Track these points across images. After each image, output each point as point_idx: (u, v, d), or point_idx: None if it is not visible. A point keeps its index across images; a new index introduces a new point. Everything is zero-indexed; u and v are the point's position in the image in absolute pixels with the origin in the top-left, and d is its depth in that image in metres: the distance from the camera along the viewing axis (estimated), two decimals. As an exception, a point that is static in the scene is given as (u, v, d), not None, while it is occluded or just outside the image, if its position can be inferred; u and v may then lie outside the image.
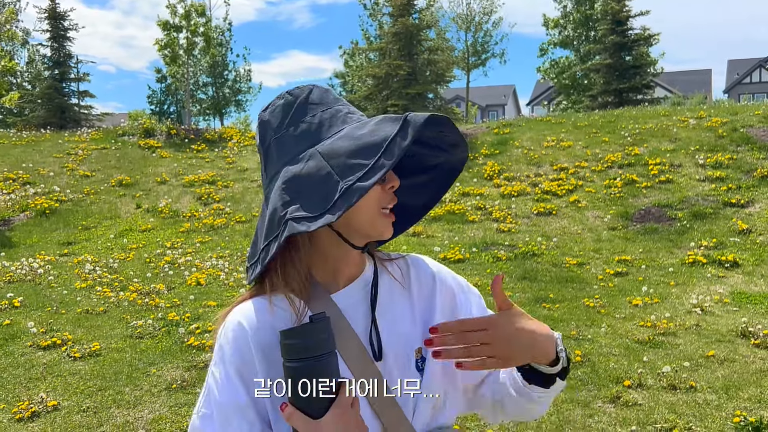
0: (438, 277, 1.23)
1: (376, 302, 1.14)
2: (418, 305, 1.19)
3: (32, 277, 8.62)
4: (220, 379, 1.06)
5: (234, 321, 1.08)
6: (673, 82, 43.27)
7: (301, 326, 1.00)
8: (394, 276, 1.20)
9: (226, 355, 1.07)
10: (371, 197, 1.07)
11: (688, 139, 13.28)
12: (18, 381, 5.17)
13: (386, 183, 1.09)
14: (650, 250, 9.14)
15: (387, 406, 1.09)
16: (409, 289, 1.20)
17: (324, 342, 0.99)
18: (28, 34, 30.48)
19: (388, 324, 1.14)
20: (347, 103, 1.16)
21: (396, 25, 17.15)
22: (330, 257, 1.13)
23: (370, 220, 1.09)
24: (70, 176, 14.44)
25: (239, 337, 1.06)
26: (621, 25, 22.02)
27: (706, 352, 5.41)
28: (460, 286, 1.26)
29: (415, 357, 1.13)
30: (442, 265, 1.28)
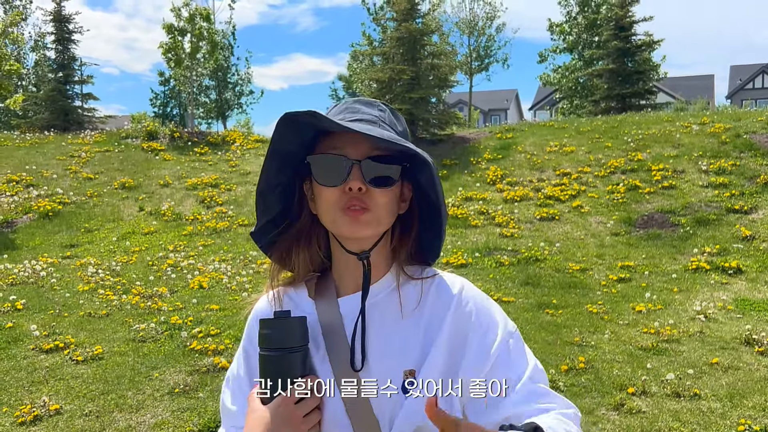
0: (457, 309, 1.16)
1: (364, 312, 1.14)
2: (422, 327, 1.15)
3: (35, 279, 8.62)
4: (237, 354, 1.27)
5: (254, 308, 1.28)
6: (675, 87, 43.24)
7: (273, 319, 1.11)
8: (403, 294, 1.18)
9: (243, 336, 1.27)
10: (329, 198, 1.12)
11: (691, 144, 13.27)
12: (20, 384, 5.16)
13: (345, 184, 1.10)
14: (653, 256, 9.12)
15: (362, 414, 1.10)
16: (421, 309, 1.17)
17: (294, 337, 1.09)
18: (43, 37, 30.54)
19: (384, 338, 1.15)
20: (348, 110, 1.19)
21: (399, 29, 17.17)
22: (338, 260, 1.21)
23: (331, 220, 1.13)
24: (73, 178, 14.46)
25: (251, 320, 1.26)
26: (624, 31, 22.02)
27: (710, 359, 5.40)
28: (481, 326, 1.16)
29: (404, 377, 1.10)
30: (476, 294, 1.21)
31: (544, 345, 5.88)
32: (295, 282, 1.24)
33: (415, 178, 1.17)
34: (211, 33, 22.00)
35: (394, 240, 1.22)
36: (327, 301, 1.19)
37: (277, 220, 1.22)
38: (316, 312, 1.18)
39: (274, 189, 1.19)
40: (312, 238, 1.23)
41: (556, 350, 5.74)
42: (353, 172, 1.10)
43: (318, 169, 1.12)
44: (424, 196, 1.18)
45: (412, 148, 1.08)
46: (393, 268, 1.21)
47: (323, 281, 1.22)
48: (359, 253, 1.14)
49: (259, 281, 8.39)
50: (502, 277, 8.38)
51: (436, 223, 1.19)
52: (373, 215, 1.11)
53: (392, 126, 1.19)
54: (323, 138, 1.15)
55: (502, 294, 7.58)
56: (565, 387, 4.90)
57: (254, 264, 9.30)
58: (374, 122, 1.15)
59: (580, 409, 3.78)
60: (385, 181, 1.12)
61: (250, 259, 9.58)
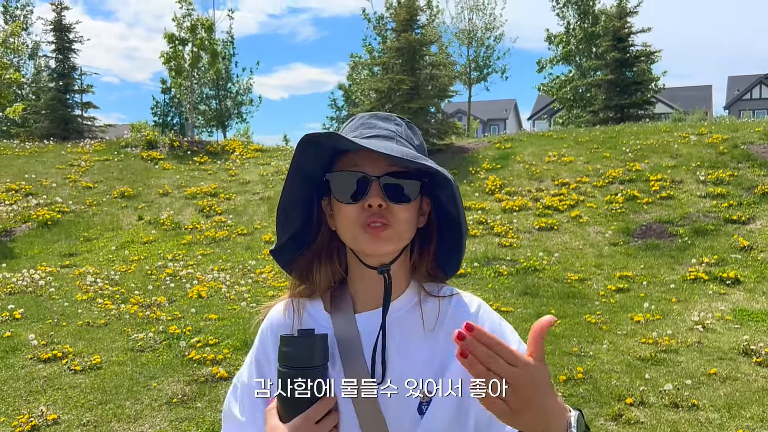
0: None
1: (385, 327, 1.13)
2: (440, 346, 1.14)
3: (33, 288, 8.62)
4: (248, 361, 1.24)
5: (267, 318, 1.26)
6: (673, 98, 43.39)
7: (295, 337, 1.10)
8: (425, 310, 1.18)
9: (255, 343, 1.25)
10: (348, 214, 1.12)
11: (689, 155, 13.31)
12: (18, 394, 5.16)
13: (365, 201, 1.10)
14: (651, 266, 9.14)
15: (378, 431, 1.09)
16: (438, 329, 1.16)
17: (313, 356, 1.08)
18: (38, 47, 30.64)
19: (401, 357, 1.14)
20: (364, 126, 1.19)
21: (399, 39, 17.24)
22: (356, 274, 1.20)
23: (351, 237, 1.13)
24: (72, 187, 14.47)
25: (264, 330, 1.24)
26: (622, 42, 22.14)
27: (708, 369, 5.40)
28: None
29: (420, 399, 1.11)
30: (492, 316, 1.20)
31: (542, 355, 5.88)
32: (312, 294, 1.23)
33: (434, 193, 1.18)
34: (212, 43, 22.07)
35: (414, 255, 1.21)
36: (344, 315, 1.18)
37: (297, 236, 1.21)
38: (332, 326, 1.18)
39: (296, 206, 1.19)
40: (332, 253, 1.23)
41: (554, 360, 5.74)
42: (372, 189, 1.10)
43: (337, 187, 1.13)
44: (443, 210, 1.18)
45: (433, 167, 1.08)
46: (413, 284, 1.21)
47: (339, 294, 1.22)
48: (379, 267, 1.13)
49: (258, 290, 8.40)
50: (501, 287, 8.38)
51: (455, 237, 1.19)
52: (393, 231, 1.11)
53: (409, 140, 1.19)
54: (342, 155, 1.15)
55: (501, 304, 7.59)
56: (564, 397, 4.89)
57: (253, 273, 9.31)
58: (391, 137, 1.16)
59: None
60: (405, 196, 1.12)
61: (249, 269, 9.58)
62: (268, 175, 14.98)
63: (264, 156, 16.93)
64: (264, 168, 15.64)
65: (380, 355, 1.12)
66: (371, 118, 1.20)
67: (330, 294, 1.22)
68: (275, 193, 13.72)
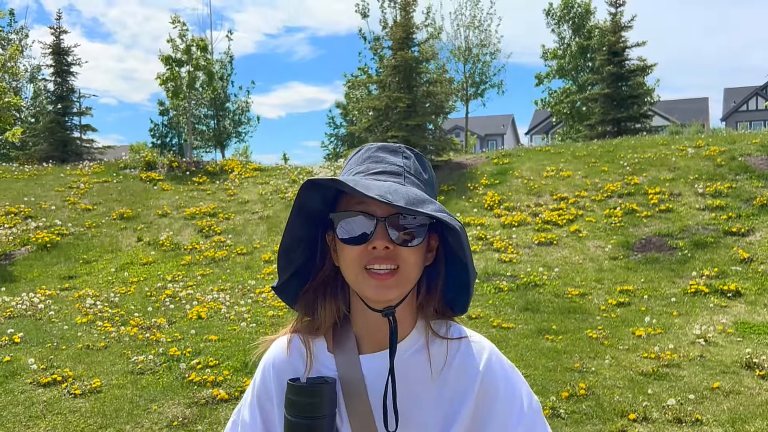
0: (484, 380, 1.14)
1: (393, 372, 1.09)
2: (448, 393, 1.12)
3: (33, 312, 8.59)
4: (249, 401, 1.21)
5: (268, 353, 1.22)
6: (670, 110, 43.59)
7: (304, 386, 1.07)
8: (432, 353, 1.15)
9: (256, 382, 1.21)
10: (351, 256, 1.08)
11: (687, 168, 13.34)
12: (18, 419, 5.12)
13: (369, 243, 1.06)
14: (652, 279, 9.12)
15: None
16: (447, 373, 1.14)
17: (323, 405, 1.06)
18: (38, 70, 30.79)
19: (411, 402, 1.12)
20: (371, 160, 1.16)
21: (395, 57, 17.35)
22: (360, 314, 1.16)
23: (353, 279, 1.09)
24: (71, 210, 14.48)
25: (266, 367, 1.21)
26: (618, 56, 22.28)
27: (711, 383, 5.37)
28: (506, 401, 1.15)
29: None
30: (504, 365, 1.19)
31: (544, 371, 5.86)
32: (317, 331, 1.19)
33: (442, 232, 1.14)
34: (208, 63, 22.19)
35: (421, 294, 1.17)
36: (347, 357, 1.14)
37: (300, 272, 1.17)
38: (335, 367, 1.14)
39: (298, 245, 1.15)
40: (337, 289, 1.19)
41: (556, 377, 5.71)
42: (378, 231, 1.06)
43: (341, 227, 1.08)
44: (450, 248, 1.14)
45: (438, 216, 1.03)
46: (419, 324, 1.17)
47: (343, 334, 1.17)
48: (383, 310, 1.08)
49: (258, 311, 8.38)
50: (501, 303, 8.36)
51: (462, 276, 1.14)
52: (401, 275, 1.07)
53: (418, 175, 1.15)
54: (347, 194, 1.11)
55: (502, 320, 7.56)
56: (567, 414, 4.87)
57: (253, 293, 9.28)
58: (399, 174, 1.11)
59: (580, 439, 3.65)
60: (412, 238, 1.07)
61: (249, 289, 9.56)
62: (267, 194, 14.99)
63: (263, 175, 16.95)
64: (263, 187, 15.66)
65: (392, 403, 1.08)
66: (379, 150, 1.16)
67: (333, 333, 1.18)
68: (274, 212, 13.73)
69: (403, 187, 1.07)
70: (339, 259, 1.13)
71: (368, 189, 1.00)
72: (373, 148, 1.17)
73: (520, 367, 5.91)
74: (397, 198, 1.00)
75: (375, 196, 0.99)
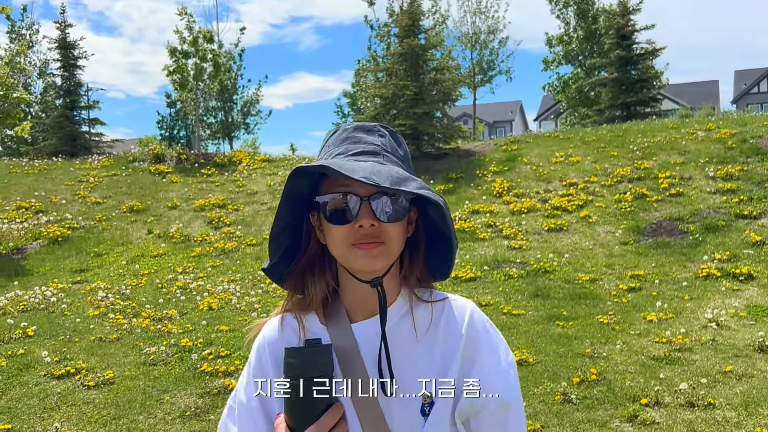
0: (468, 337, 1.19)
1: (385, 338, 1.14)
2: (437, 352, 1.18)
3: (45, 305, 8.66)
4: (244, 382, 1.24)
5: (260, 334, 1.26)
6: (680, 94, 43.22)
7: (300, 348, 1.12)
8: (416, 317, 1.21)
9: (251, 363, 1.25)
10: (339, 234, 1.13)
11: (698, 151, 13.23)
12: (32, 411, 5.17)
13: (355, 222, 1.11)
14: (663, 264, 9.07)
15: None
16: (434, 333, 1.20)
17: (320, 366, 1.09)
18: (47, 65, 30.85)
19: (401, 360, 1.16)
20: (349, 140, 1.20)
21: (402, 45, 17.27)
22: (349, 287, 1.21)
23: (342, 255, 1.15)
24: (81, 203, 14.55)
25: (260, 347, 1.25)
26: (626, 40, 22.07)
27: (724, 367, 5.35)
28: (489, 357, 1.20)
29: (422, 401, 1.14)
30: (484, 323, 1.24)
31: (555, 357, 5.85)
32: (306, 308, 1.24)
33: (421, 205, 1.19)
34: (215, 54, 22.17)
35: (405, 264, 1.23)
36: (340, 326, 1.19)
37: (287, 253, 1.22)
38: (329, 338, 1.19)
39: (285, 228, 1.20)
40: (324, 265, 1.24)
41: (567, 362, 5.71)
42: (362, 210, 1.11)
43: (327, 209, 1.14)
44: (431, 220, 1.20)
45: (421, 192, 1.09)
46: (403, 291, 1.23)
47: (333, 307, 1.23)
48: (371, 281, 1.14)
49: (269, 301, 8.40)
50: (511, 290, 8.35)
51: (444, 246, 1.21)
52: (386, 248, 1.13)
53: (394, 152, 1.20)
54: (330, 176, 1.16)
55: (512, 307, 7.55)
56: (578, 399, 4.86)
57: (263, 284, 9.31)
58: (377, 153, 1.17)
59: (593, 422, 3.74)
60: (395, 214, 1.13)
61: (259, 279, 9.58)
62: (276, 185, 15.00)
63: (271, 166, 16.97)
64: (271, 178, 15.67)
65: (386, 365, 1.13)
66: (356, 131, 1.21)
67: (323, 307, 1.23)
68: (283, 203, 13.73)
69: (384, 166, 1.12)
70: (326, 237, 1.18)
71: (353, 172, 1.05)
72: (349, 128, 1.22)
73: (530, 353, 5.90)
74: (381, 179, 1.05)
75: (361, 179, 1.04)
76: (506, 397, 1.16)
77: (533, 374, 5.46)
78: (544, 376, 5.41)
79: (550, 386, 5.16)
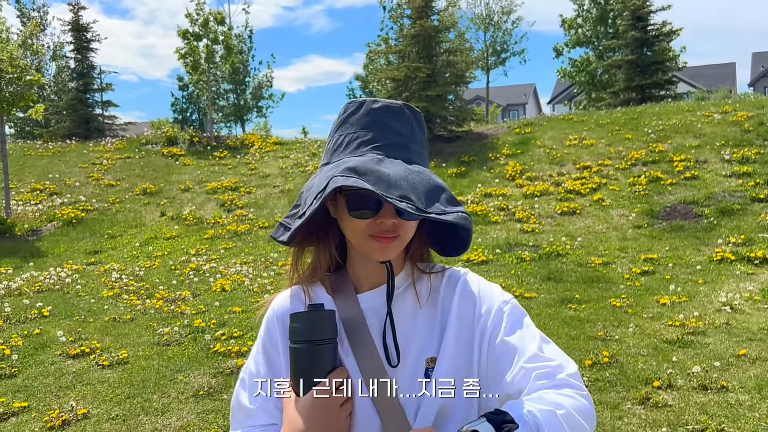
0: (462, 292, 1.22)
1: (391, 308, 1.18)
2: (439, 316, 1.21)
3: (60, 286, 8.74)
4: (254, 352, 1.26)
5: (270, 308, 1.28)
6: (696, 76, 42.67)
7: (304, 312, 1.14)
8: (418, 288, 1.24)
9: (261, 335, 1.27)
10: (359, 227, 1.14)
11: (713, 134, 13.08)
12: (48, 389, 5.24)
13: (378, 217, 1.12)
14: (677, 247, 9.01)
15: (389, 405, 1.13)
16: (434, 299, 1.23)
17: (324, 330, 1.12)
18: (61, 47, 30.92)
19: (405, 330, 1.19)
20: (376, 125, 1.19)
21: (415, 27, 17.14)
22: (356, 260, 1.25)
23: (358, 243, 1.17)
24: (95, 186, 14.64)
25: (269, 318, 1.26)
26: (642, 21, 21.77)
27: (737, 351, 5.31)
28: (489, 311, 1.20)
29: (426, 365, 1.17)
30: (474, 279, 1.27)
31: (567, 340, 5.84)
32: (312, 279, 1.27)
33: None
34: (226, 36, 22.11)
35: (413, 243, 1.24)
36: (346, 297, 1.22)
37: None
38: (336, 308, 1.21)
39: None
40: (329, 235, 1.26)
41: (579, 345, 5.69)
42: (385, 208, 1.12)
43: (352, 200, 1.14)
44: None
45: (459, 223, 1.10)
46: (406, 265, 1.27)
47: (339, 278, 1.26)
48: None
49: (281, 283, 8.42)
50: (523, 273, 8.33)
51: (452, 234, 1.24)
52: (401, 240, 1.16)
53: (419, 142, 1.22)
54: None
55: (524, 290, 7.54)
56: (590, 382, 4.85)
57: (275, 266, 9.35)
58: (406, 146, 1.18)
59: (605, 404, 3.71)
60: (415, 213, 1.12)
61: (271, 261, 9.62)
62: (288, 168, 15.01)
63: (283, 149, 16.97)
64: (283, 161, 15.68)
65: (392, 338, 1.17)
66: (382, 113, 1.19)
67: (330, 278, 1.26)
68: (295, 186, 13.75)
69: (418, 176, 1.12)
70: (342, 222, 1.19)
71: (389, 190, 1.06)
72: (376, 108, 1.20)
73: (542, 335, 5.92)
74: (417, 195, 1.07)
75: (398, 205, 1.04)
76: (509, 327, 1.16)
77: (545, 356, 5.45)
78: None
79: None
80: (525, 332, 1.15)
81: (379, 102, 1.21)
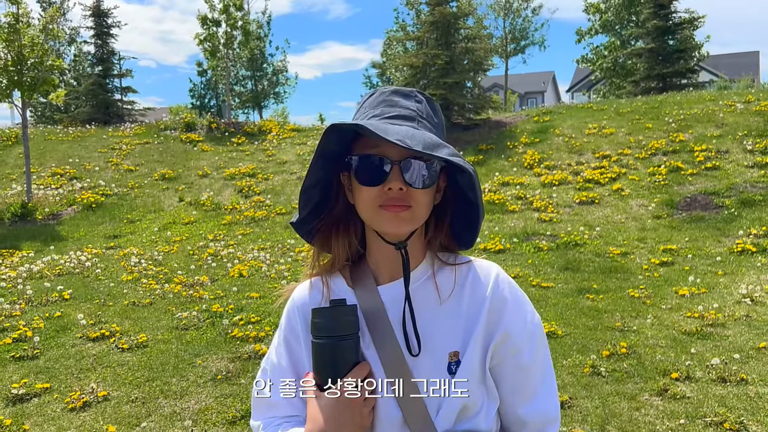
0: (494, 297, 1.19)
1: (410, 299, 1.16)
2: (464, 312, 1.19)
3: (80, 269, 8.85)
4: (276, 343, 1.27)
5: (290, 298, 1.29)
6: (718, 65, 42.00)
7: (327, 308, 1.13)
8: (440, 280, 1.22)
9: (282, 326, 1.28)
10: (368, 196, 1.14)
11: (736, 124, 12.90)
12: (69, 372, 5.31)
13: (385, 184, 1.12)
14: (697, 238, 8.92)
15: (411, 399, 1.12)
16: (459, 295, 1.20)
17: (346, 325, 1.11)
18: (78, 34, 31.14)
19: (427, 321, 1.18)
20: (386, 103, 1.19)
21: (433, 13, 17.02)
22: (375, 249, 1.23)
23: (369, 217, 1.16)
24: (114, 171, 14.76)
25: (290, 310, 1.27)
26: (664, 9, 21.46)
27: (758, 343, 5.26)
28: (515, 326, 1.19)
29: (449, 359, 1.15)
30: (510, 283, 1.24)
31: (585, 330, 5.81)
32: (331, 270, 1.27)
33: (452, 174, 1.19)
34: (244, 22, 22.13)
35: (430, 229, 1.24)
36: (366, 289, 1.21)
37: (316, 210, 1.24)
38: (356, 300, 1.20)
39: (317, 184, 1.21)
40: (349, 226, 1.25)
41: (597, 335, 5.67)
42: (393, 173, 1.12)
43: (358, 169, 1.15)
44: (460, 188, 1.20)
45: (452, 159, 1.09)
46: (428, 255, 1.25)
47: (359, 269, 1.25)
48: (396, 243, 1.16)
49: (298, 269, 8.47)
50: (540, 263, 8.29)
51: (471, 215, 1.22)
52: (413, 213, 1.14)
53: (429, 119, 1.20)
54: (363, 136, 1.16)
55: (542, 279, 7.51)
56: (607, 372, 4.84)
57: (292, 252, 9.39)
58: (412, 118, 1.16)
59: (622, 395, 3.71)
60: (425, 181, 1.13)
61: (288, 247, 9.66)
62: (305, 155, 15.03)
63: (300, 135, 16.99)
64: (300, 147, 15.70)
65: (412, 326, 1.15)
66: (393, 94, 1.21)
67: (350, 270, 1.26)
68: (312, 172, 13.78)
69: (419, 131, 1.11)
70: (354, 197, 1.19)
71: (387, 133, 1.05)
72: (387, 91, 1.22)
73: (559, 325, 5.87)
74: (414, 142, 1.05)
75: (394, 141, 1.04)
76: (528, 356, 1.18)
77: (562, 346, 5.43)
78: (573, 349, 5.38)
79: (579, 359, 5.14)
80: (537, 368, 1.20)
81: (392, 87, 1.23)
